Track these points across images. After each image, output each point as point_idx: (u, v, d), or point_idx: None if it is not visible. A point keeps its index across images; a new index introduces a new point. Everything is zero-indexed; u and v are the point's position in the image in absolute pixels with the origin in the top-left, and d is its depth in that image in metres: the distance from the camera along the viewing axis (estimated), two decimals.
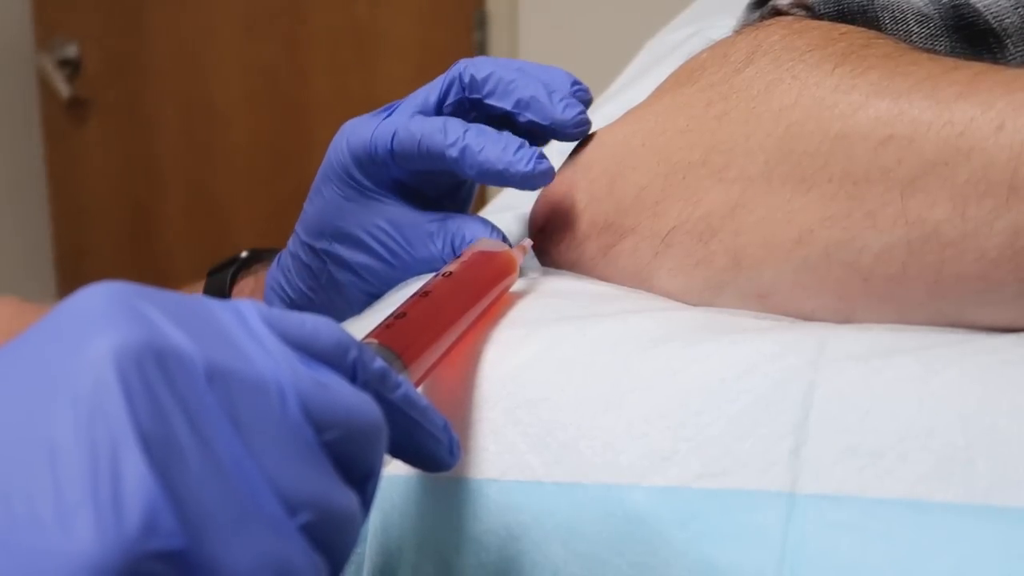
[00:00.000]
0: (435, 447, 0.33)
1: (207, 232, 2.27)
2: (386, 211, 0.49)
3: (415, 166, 0.48)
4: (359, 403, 0.27)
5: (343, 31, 2.11)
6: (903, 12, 0.44)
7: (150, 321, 0.23)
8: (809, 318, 0.39)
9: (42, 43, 2.28)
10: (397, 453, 0.32)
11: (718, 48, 0.46)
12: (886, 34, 0.43)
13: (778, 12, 0.47)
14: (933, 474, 0.31)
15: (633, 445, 0.35)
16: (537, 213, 0.49)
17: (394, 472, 0.38)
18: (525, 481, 0.36)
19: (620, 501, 0.34)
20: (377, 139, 0.48)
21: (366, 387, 0.29)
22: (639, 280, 0.44)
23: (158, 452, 0.21)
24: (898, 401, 0.33)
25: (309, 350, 0.27)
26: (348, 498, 0.26)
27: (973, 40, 0.43)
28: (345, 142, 0.50)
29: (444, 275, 0.40)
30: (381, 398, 0.30)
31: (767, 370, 0.35)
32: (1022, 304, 0.35)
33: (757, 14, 0.48)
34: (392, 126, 0.48)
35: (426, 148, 0.47)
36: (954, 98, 0.36)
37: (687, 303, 0.42)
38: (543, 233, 0.49)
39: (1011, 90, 0.35)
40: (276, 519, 0.23)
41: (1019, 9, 0.42)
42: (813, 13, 0.45)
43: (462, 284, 0.40)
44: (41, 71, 2.28)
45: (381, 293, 0.51)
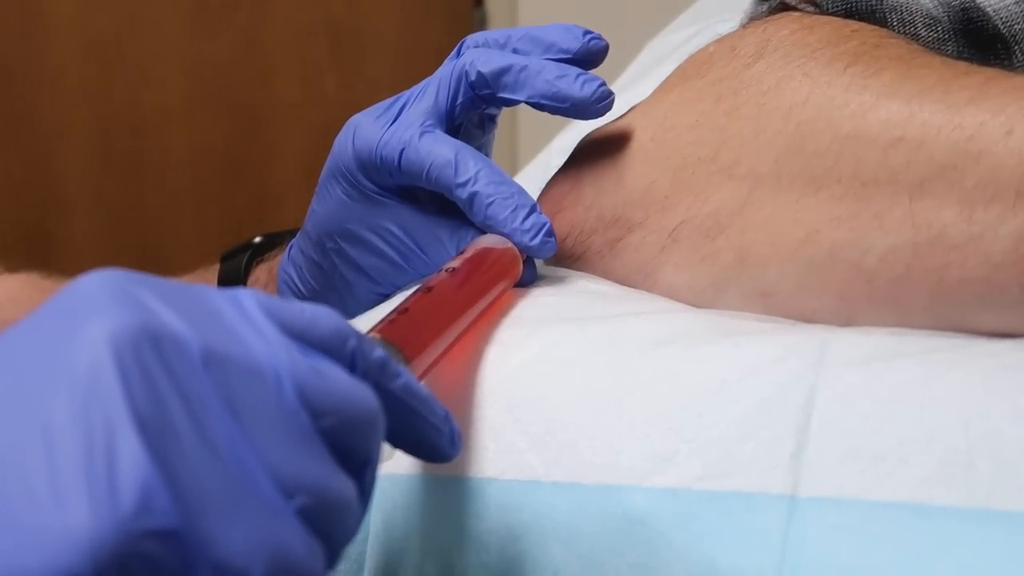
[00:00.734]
0: (436, 437, 0.33)
1: (131, 259, 1.66)
2: (395, 214, 0.48)
3: (422, 185, 0.47)
4: (356, 391, 0.27)
5: (314, 27, 1.88)
6: (911, 14, 0.44)
7: (146, 306, 0.23)
8: (811, 319, 0.39)
9: None
10: (398, 443, 0.32)
11: (726, 41, 0.46)
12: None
13: (785, 7, 0.47)
14: (934, 477, 0.31)
15: (634, 446, 0.35)
16: (543, 207, 0.49)
17: (395, 471, 0.38)
18: (525, 480, 0.36)
19: (620, 502, 0.34)
20: (383, 152, 0.46)
21: (366, 376, 0.29)
22: (644, 275, 0.44)
23: (153, 433, 0.22)
24: (899, 405, 0.33)
25: (307, 338, 0.27)
26: (345, 485, 0.26)
27: (981, 45, 0.43)
28: (351, 144, 0.48)
29: (448, 271, 0.40)
30: (381, 387, 0.30)
31: (769, 373, 0.35)
32: None
33: (765, 7, 0.48)
34: (400, 142, 0.46)
35: (434, 179, 0.45)
36: (965, 102, 0.36)
37: (690, 301, 0.42)
38: None
39: (1021, 96, 0.35)
40: (272, 502, 0.24)
41: None
42: (821, 10, 0.45)
43: (466, 280, 0.40)
44: None
45: (392, 293, 0.50)
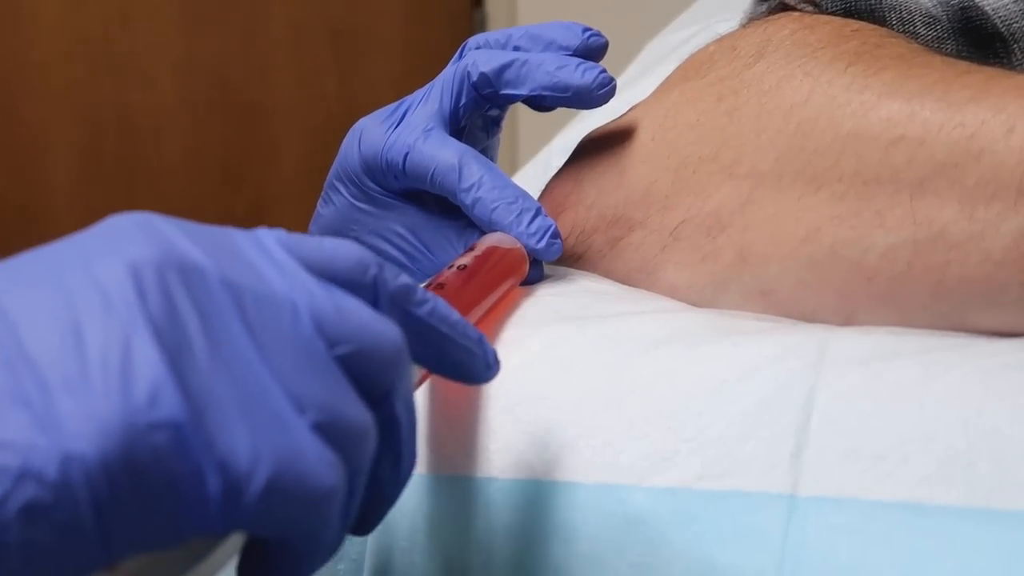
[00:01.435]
0: (470, 360, 0.33)
1: None
2: (401, 217, 0.48)
3: (426, 189, 0.47)
4: (375, 322, 0.28)
5: (314, 26, 1.85)
6: (910, 13, 0.44)
7: (169, 237, 0.25)
8: (810, 318, 0.39)
9: None
10: (435, 369, 0.33)
11: (726, 41, 0.46)
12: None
13: (785, 7, 0.47)
14: (934, 477, 0.31)
15: (634, 445, 0.35)
16: (545, 207, 0.49)
17: None
18: (525, 480, 0.36)
19: (620, 501, 0.34)
20: (388, 155, 0.47)
21: (391, 305, 0.30)
22: (644, 274, 0.44)
23: (167, 340, 0.23)
24: (899, 404, 0.33)
25: (328, 272, 0.28)
26: (360, 410, 0.27)
27: (980, 44, 0.43)
28: (357, 148, 0.48)
29: (458, 268, 0.40)
30: (408, 315, 0.31)
31: (769, 372, 0.35)
32: None
33: (764, 7, 0.48)
34: (404, 146, 0.47)
35: (438, 183, 0.46)
36: (966, 101, 0.36)
37: (690, 299, 0.42)
38: None
39: (1023, 95, 0.35)
40: (283, 413, 0.25)
41: None
42: (821, 9, 0.45)
43: (475, 278, 0.40)
44: None
45: None
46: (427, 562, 0.37)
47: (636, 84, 0.73)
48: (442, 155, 0.46)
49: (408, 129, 0.47)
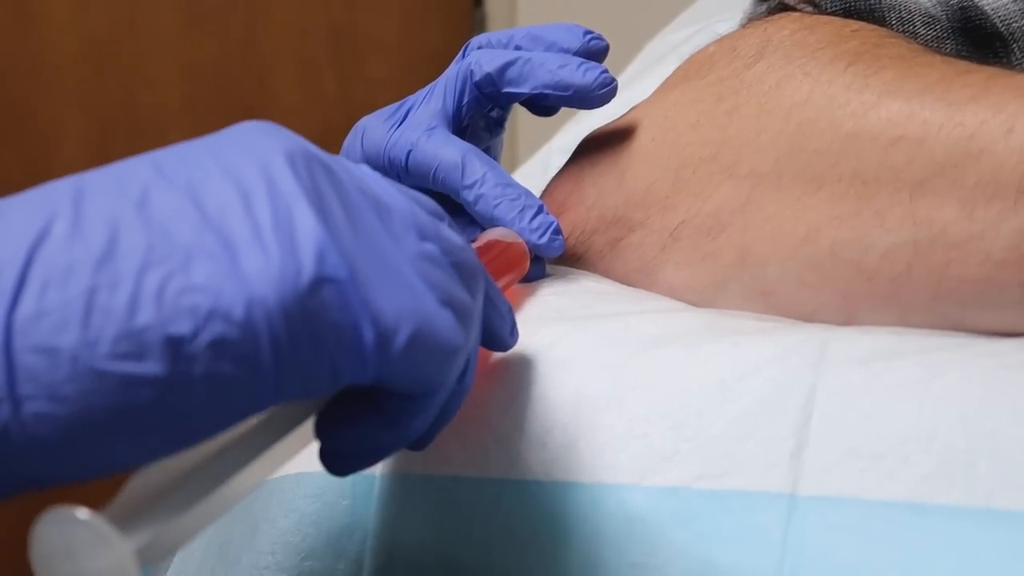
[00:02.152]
0: (500, 325, 0.36)
1: None
2: None
3: (428, 187, 0.48)
4: (460, 242, 0.32)
5: (313, 27, 1.88)
6: (910, 12, 0.44)
7: (303, 140, 0.29)
8: (810, 318, 0.39)
9: None
10: None
11: (726, 42, 0.46)
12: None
13: (785, 7, 0.47)
14: (934, 476, 0.31)
15: (633, 445, 0.35)
16: (546, 207, 0.49)
17: (394, 471, 0.38)
18: (524, 480, 0.36)
19: (620, 501, 0.34)
20: (391, 153, 0.47)
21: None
22: (644, 274, 0.44)
23: (324, 217, 0.27)
24: (899, 404, 0.33)
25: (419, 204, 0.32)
26: (468, 298, 0.31)
27: (979, 44, 0.43)
28: (359, 146, 0.49)
29: None
30: None
31: (769, 372, 0.35)
32: None
33: (764, 7, 0.48)
34: (407, 144, 0.47)
35: (441, 180, 0.46)
36: (966, 101, 0.36)
37: (691, 299, 0.42)
38: None
39: (1022, 94, 0.35)
40: (418, 286, 0.28)
41: None
42: (820, 9, 0.45)
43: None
44: None
45: None
46: (427, 562, 0.37)
47: (635, 84, 0.73)
48: (445, 153, 0.46)
49: (411, 128, 0.47)
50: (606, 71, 0.46)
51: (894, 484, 0.31)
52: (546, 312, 0.42)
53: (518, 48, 0.49)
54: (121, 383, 0.24)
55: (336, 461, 0.32)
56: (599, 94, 0.46)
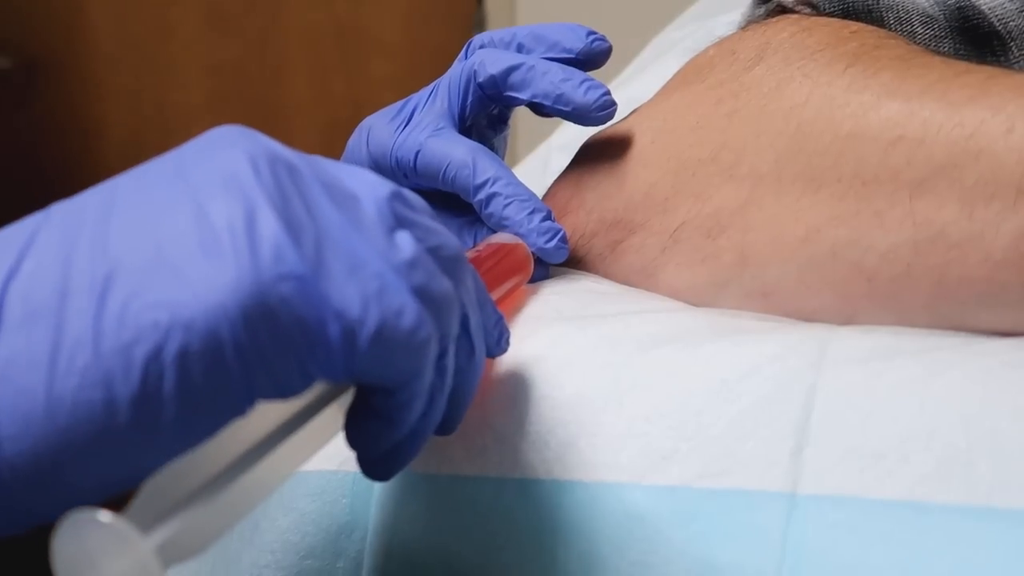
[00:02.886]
0: (487, 334, 0.36)
1: None
2: None
3: (438, 187, 0.48)
4: (436, 227, 0.32)
5: (323, 29, 1.98)
6: (908, 12, 0.44)
7: (270, 142, 0.29)
8: (811, 318, 0.39)
9: None
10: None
11: (725, 44, 0.46)
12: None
13: (783, 9, 0.47)
14: (934, 475, 0.31)
15: (634, 444, 0.35)
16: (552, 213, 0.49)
17: None
18: (524, 479, 0.36)
19: (620, 500, 0.34)
20: (398, 154, 0.48)
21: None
22: (645, 276, 0.44)
23: (282, 212, 0.27)
24: (899, 403, 0.33)
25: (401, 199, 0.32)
26: (446, 282, 0.30)
27: (977, 42, 0.43)
28: (365, 147, 0.49)
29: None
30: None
31: (769, 371, 0.35)
32: None
33: (763, 10, 0.48)
34: (415, 144, 0.47)
35: (451, 179, 0.47)
36: (965, 101, 0.36)
37: (690, 301, 0.42)
38: None
39: (1022, 94, 0.35)
40: (385, 277, 0.28)
41: None
42: (818, 11, 0.45)
43: (481, 271, 0.40)
44: None
45: None
46: (427, 561, 0.37)
47: (635, 80, 0.73)
48: (455, 152, 0.46)
49: (417, 128, 0.48)
50: (607, 93, 0.47)
51: (894, 483, 0.31)
52: (546, 312, 0.42)
53: (520, 46, 0.49)
54: (96, 409, 0.25)
55: (364, 466, 0.32)
56: (598, 115, 0.47)
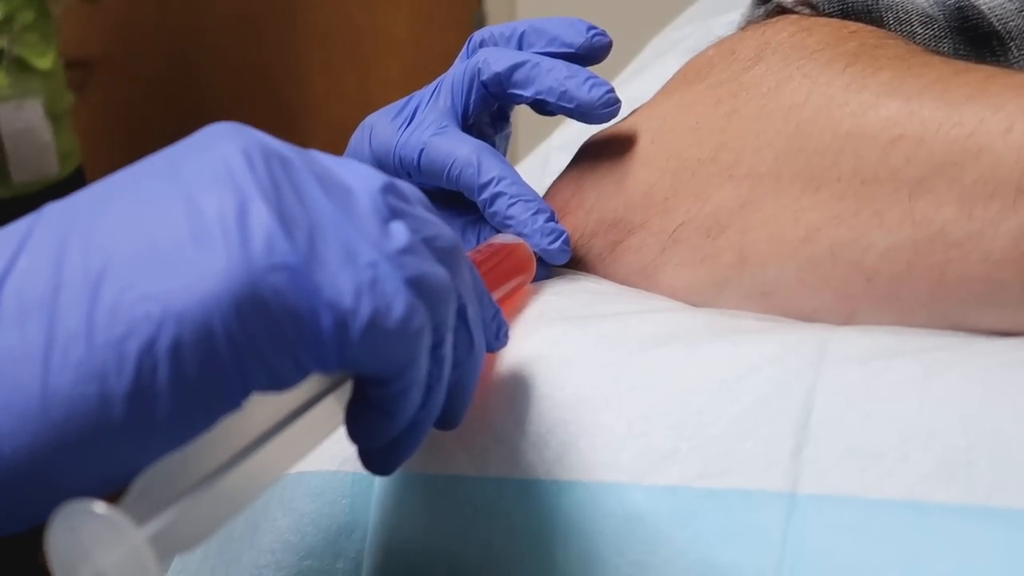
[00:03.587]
0: (488, 324, 0.36)
1: None
2: None
3: (441, 185, 0.48)
4: (432, 218, 0.32)
5: (336, 30, 2.09)
6: (907, 12, 0.44)
7: (264, 137, 0.29)
8: (810, 318, 0.39)
9: None
10: None
11: (725, 45, 0.46)
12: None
13: (783, 9, 0.47)
14: (934, 475, 0.31)
15: (633, 444, 0.35)
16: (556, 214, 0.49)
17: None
18: (524, 479, 0.36)
19: (620, 500, 0.34)
20: (402, 153, 0.48)
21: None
22: (644, 276, 0.44)
23: (275, 204, 0.27)
24: (899, 403, 0.33)
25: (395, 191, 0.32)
26: (441, 272, 0.30)
27: (977, 42, 0.43)
28: (368, 145, 0.49)
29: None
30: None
31: (768, 371, 0.35)
32: None
33: (762, 10, 0.48)
34: (418, 143, 0.47)
35: (455, 178, 0.47)
36: (964, 100, 0.36)
37: (690, 301, 0.42)
38: None
39: (1021, 93, 0.35)
40: (378, 267, 0.28)
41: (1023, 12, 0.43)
42: (818, 11, 0.45)
43: (485, 272, 0.40)
44: None
45: None
46: (427, 562, 0.37)
47: (635, 79, 0.73)
48: (460, 150, 0.47)
49: (421, 127, 0.48)
50: (611, 90, 0.47)
51: (894, 483, 0.31)
52: (546, 312, 0.42)
53: (520, 40, 0.49)
54: (91, 403, 0.25)
55: (365, 459, 0.32)
56: (602, 112, 0.46)
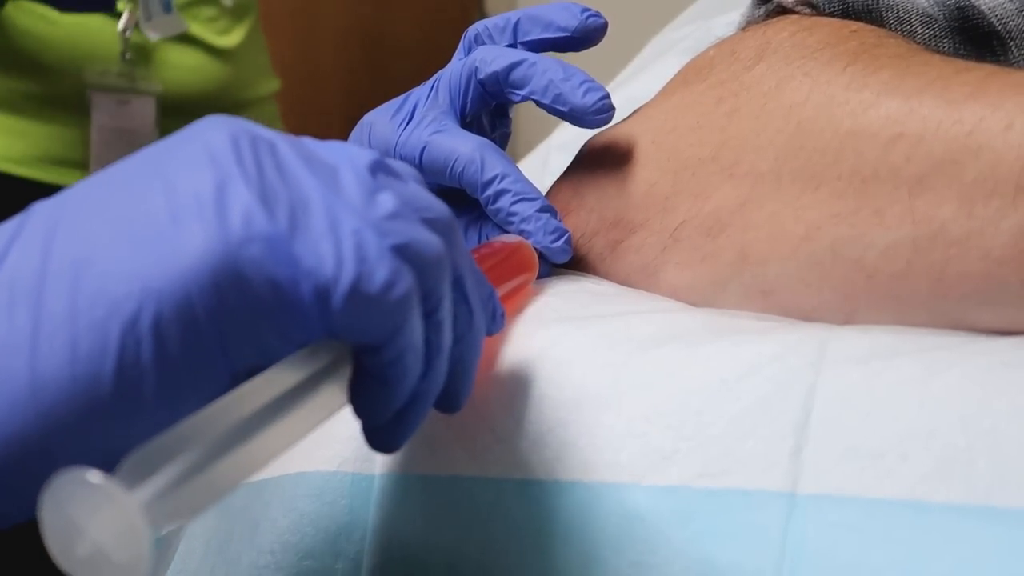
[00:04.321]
0: (484, 304, 0.36)
1: None
2: None
3: (444, 183, 0.48)
4: (423, 190, 0.32)
5: (352, 33, 2.14)
6: (907, 12, 0.44)
7: (252, 125, 0.30)
8: (811, 316, 0.39)
9: None
10: None
11: (726, 45, 0.46)
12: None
13: (783, 9, 0.47)
14: (934, 475, 0.31)
15: (633, 444, 0.35)
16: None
17: (394, 471, 0.38)
18: (524, 479, 0.36)
19: (620, 500, 0.34)
20: (403, 151, 0.47)
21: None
22: (645, 275, 0.44)
23: (256, 184, 0.28)
24: (899, 402, 0.33)
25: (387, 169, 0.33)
26: (433, 239, 0.30)
27: (977, 42, 0.43)
28: (367, 143, 0.49)
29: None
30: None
31: (768, 371, 0.35)
32: None
33: (762, 10, 0.48)
34: (419, 141, 0.47)
35: (458, 175, 0.46)
36: (964, 98, 0.36)
37: (691, 300, 0.42)
38: None
39: (1021, 91, 0.35)
40: (362, 234, 0.28)
41: None
42: (818, 11, 0.45)
43: (488, 269, 0.40)
44: None
45: None
46: (426, 562, 0.37)
47: (635, 79, 0.73)
48: (463, 148, 0.47)
49: (421, 125, 0.48)
50: (606, 96, 0.46)
51: (893, 482, 0.31)
52: (546, 312, 0.42)
53: (516, 29, 0.49)
54: (79, 386, 0.25)
55: (369, 436, 0.32)
56: (594, 118, 0.46)
